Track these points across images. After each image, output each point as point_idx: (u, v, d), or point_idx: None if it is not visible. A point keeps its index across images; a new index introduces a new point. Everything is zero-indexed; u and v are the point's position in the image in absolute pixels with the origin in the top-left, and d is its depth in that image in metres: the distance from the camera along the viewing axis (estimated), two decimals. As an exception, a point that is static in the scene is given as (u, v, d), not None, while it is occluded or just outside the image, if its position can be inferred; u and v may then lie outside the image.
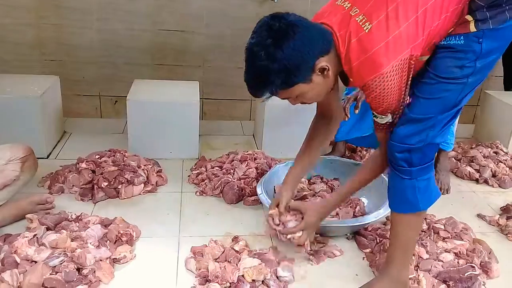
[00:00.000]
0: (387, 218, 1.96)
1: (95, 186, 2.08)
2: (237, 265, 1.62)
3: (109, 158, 2.23)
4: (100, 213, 1.95)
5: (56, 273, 1.52)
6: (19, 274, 1.48)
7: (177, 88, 2.67)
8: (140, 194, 2.15)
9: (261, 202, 2.00)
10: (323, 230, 1.88)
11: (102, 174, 2.10)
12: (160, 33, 2.98)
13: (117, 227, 1.78)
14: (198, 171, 2.35)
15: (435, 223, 1.93)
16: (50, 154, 2.51)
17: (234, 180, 2.21)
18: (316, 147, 1.74)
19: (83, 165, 2.14)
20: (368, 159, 1.61)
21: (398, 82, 1.28)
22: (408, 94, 1.34)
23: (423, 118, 1.35)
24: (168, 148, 2.52)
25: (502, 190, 2.43)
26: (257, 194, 2.00)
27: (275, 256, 1.70)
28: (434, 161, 1.44)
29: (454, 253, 1.77)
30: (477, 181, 2.49)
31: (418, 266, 1.69)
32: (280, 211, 1.68)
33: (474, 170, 2.53)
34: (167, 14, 2.94)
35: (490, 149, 2.69)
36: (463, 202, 2.29)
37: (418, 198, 1.43)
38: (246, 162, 2.34)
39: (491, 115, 2.96)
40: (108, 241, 1.72)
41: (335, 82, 1.41)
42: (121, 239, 1.74)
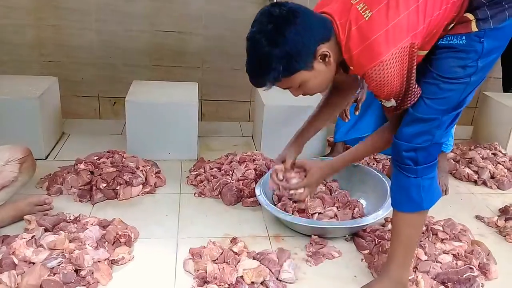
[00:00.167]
0: (386, 220, 1.96)
1: (94, 187, 2.07)
2: (235, 266, 1.62)
3: (107, 159, 2.23)
4: (98, 214, 1.94)
5: (54, 274, 1.52)
6: (17, 276, 1.48)
7: (176, 89, 2.67)
8: (138, 195, 2.15)
9: (259, 204, 2.00)
10: (322, 232, 1.89)
11: (100, 175, 2.10)
12: (159, 34, 2.98)
13: (115, 228, 1.77)
14: (197, 172, 2.35)
15: (434, 225, 1.94)
16: (48, 155, 2.51)
17: (232, 181, 2.21)
18: (328, 113, 1.79)
19: (82, 166, 2.13)
20: (375, 132, 1.61)
21: (398, 70, 1.27)
22: (414, 83, 1.34)
23: (429, 118, 1.35)
24: (166, 149, 2.52)
25: (500, 192, 2.43)
26: (255, 196, 2.00)
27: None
28: (437, 160, 1.44)
29: (453, 254, 1.77)
30: (475, 182, 2.50)
31: (417, 268, 1.69)
32: (285, 167, 1.74)
33: (473, 171, 2.53)
34: (166, 15, 2.95)
35: (488, 150, 2.69)
36: (462, 203, 2.29)
37: (422, 197, 1.43)
38: (245, 164, 2.34)
39: (490, 117, 2.96)
40: (106, 242, 1.71)
41: (337, 71, 1.40)
42: (119, 240, 1.74)
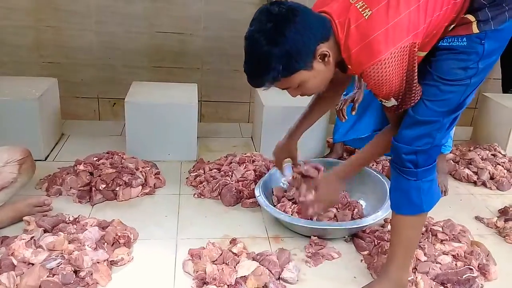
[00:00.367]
0: (385, 221, 1.96)
1: (93, 188, 2.07)
2: (235, 267, 1.61)
3: (107, 160, 2.23)
4: (97, 215, 1.94)
5: (53, 275, 1.51)
6: (16, 277, 1.48)
7: (175, 90, 2.67)
8: (138, 196, 2.14)
9: (259, 204, 2.00)
10: (321, 233, 1.88)
11: (100, 176, 2.10)
12: (158, 35, 2.99)
13: (114, 229, 1.77)
14: (196, 173, 2.35)
15: (433, 225, 1.93)
16: (48, 156, 2.50)
17: (232, 182, 2.20)
18: (321, 109, 1.79)
19: (81, 167, 2.13)
20: (378, 136, 1.58)
21: (397, 70, 1.26)
22: (417, 82, 1.32)
23: (429, 121, 1.35)
24: (166, 150, 2.52)
25: (500, 193, 2.43)
26: (255, 196, 2.00)
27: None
28: (436, 162, 1.44)
29: (452, 255, 1.77)
30: (475, 183, 2.49)
31: (416, 269, 1.69)
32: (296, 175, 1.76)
33: (472, 172, 2.53)
34: (165, 16, 2.95)
35: (488, 151, 2.69)
36: (461, 204, 2.29)
37: (422, 200, 1.43)
38: (244, 165, 2.34)
39: (489, 118, 2.96)
40: (105, 243, 1.71)
41: (334, 70, 1.39)
42: (118, 241, 1.74)
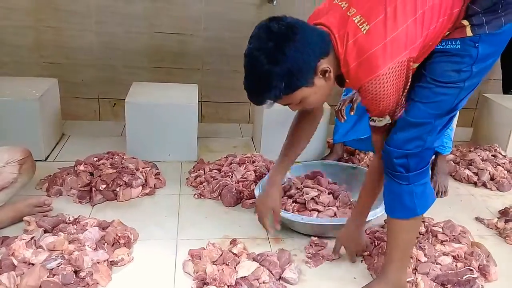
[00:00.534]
0: (385, 221, 1.95)
1: (93, 189, 2.07)
2: (235, 268, 1.61)
3: (107, 160, 2.23)
4: (98, 215, 1.94)
5: (53, 275, 1.51)
6: (16, 277, 1.48)
7: (175, 90, 2.67)
8: (138, 196, 2.14)
9: (259, 205, 2.00)
10: (321, 230, 1.88)
11: (100, 176, 2.10)
12: (158, 36, 2.98)
13: (115, 230, 1.77)
14: (197, 174, 2.35)
15: (434, 226, 1.93)
16: (48, 156, 2.51)
17: (232, 183, 2.20)
18: (299, 144, 1.79)
19: (81, 167, 2.14)
20: (367, 178, 1.61)
21: (395, 85, 1.27)
22: (405, 97, 1.33)
23: (421, 123, 1.34)
24: (166, 150, 2.52)
25: (500, 193, 2.43)
26: (255, 197, 2.00)
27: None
28: (430, 165, 1.43)
29: (452, 256, 1.77)
30: (475, 184, 2.50)
31: (416, 269, 1.69)
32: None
33: (473, 173, 2.53)
34: (165, 17, 2.95)
35: (488, 152, 2.69)
36: (462, 205, 2.29)
37: (416, 203, 1.42)
38: (245, 165, 2.34)
39: (490, 118, 2.96)
40: (105, 243, 1.71)
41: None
42: (118, 242, 1.74)
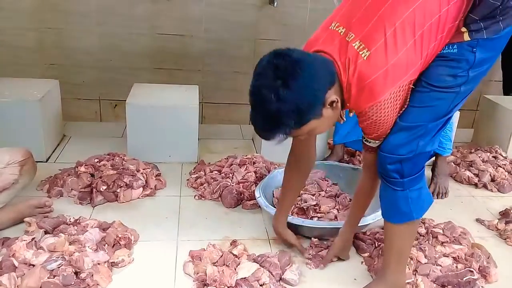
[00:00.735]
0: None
1: (94, 190, 2.08)
2: (235, 269, 1.62)
3: (108, 162, 2.23)
4: (98, 216, 1.94)
5: (54, 276, 1.51)
6: (17, 278, 1.48)
7: (176, 92, 2.68)
8: (138, 198, 2.15)
9: (259, 206, 2.01)
10: (322, 232, 1.88)
11: (101, 177, 2.10)
12: (159, 37, 2.99)
13: (115, 231, 1.78)
14: (197, 175, 2.35)
15: (434, 228, 1.93)
16: (49, 157, 2.51)
17: (233, 184, 2.21)
18: (293, 194, 1.81)
19: (82, 168, 2.14)
20: (355, 198, 1.66)
21: (394, 108, 1.28)
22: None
23: (414, 126, 1.33)
24: (167, 152, 2.52)
25: (501, 195, 2.43)
26: (255, 198, 2.00)
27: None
28: (424, 169, 1.42)
29: (453, 257, 1.77)
30: (476, 185, 2.49)
31: (417, 271, 1.68)
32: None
33: (473, 174, 2.53)
34: (166, 18, 2.95)
35: (489, 153, 2.69)
36: (462, 206, 2.29)
37: (411, 208, 1.41)
38: (245, 166, 2.34)
39: (490, 120, 2.96)
40: (106, 244, 1.71)
41: None
42: (119, 243, 1.74)
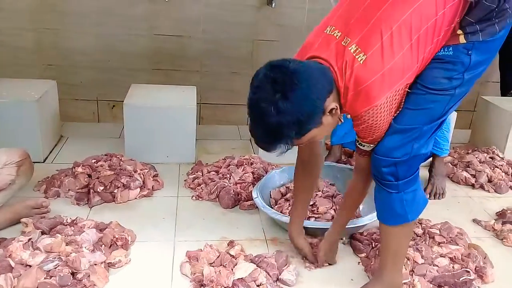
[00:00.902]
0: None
1: (91, 191, 2.07)
2: (232, 269, 1.62)
3: (105, 162, 2.23)
4: (95, 217, 1.94)
5: (50, 277, 1.51)
6: (14, 278, 1.48)
7: (174, 92, 2.68)
8: (136, 198, 2.15)
9: (257, 207, 2.01)
10: (319, 233, 1.88)
11: (98, 178, 2.10)
12: (157, 38, 2.99)
13: (112, 232, 1.78)
14: (195, 176, 2.35)
15: (431, 228, 1.94)
16: (46, 158, 2.51)
17: (230, 184, 2.21)
18: (304, 199, 1.78)
19: (79, 169, 2.14)
20: (345, 199, 1.66)
21: (389, 112, 1.28)
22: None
23: (408, 129, 1.32)
24: (164, 152, 2.52)
25: (497, 195, 2.44)
26: (253, 199, 2.00)
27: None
28: (419, 171, 1.42)
29: (449, 258, 1.77)
30: (473, 186, 2.50)
31: (413, 271, 1.69)
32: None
33: (470, 175, 2.53)
34: (164, 19, 2.95)
35: (486, 154, 2.69)
36: (459, 207, 2.30)
37: (407, 210, 1.41)
38: (243, 167, 2.34)
39: (488, 121, 2.97)
40: (103, 245, 1.71)
41: None
42: (116, 244, 1.74)
